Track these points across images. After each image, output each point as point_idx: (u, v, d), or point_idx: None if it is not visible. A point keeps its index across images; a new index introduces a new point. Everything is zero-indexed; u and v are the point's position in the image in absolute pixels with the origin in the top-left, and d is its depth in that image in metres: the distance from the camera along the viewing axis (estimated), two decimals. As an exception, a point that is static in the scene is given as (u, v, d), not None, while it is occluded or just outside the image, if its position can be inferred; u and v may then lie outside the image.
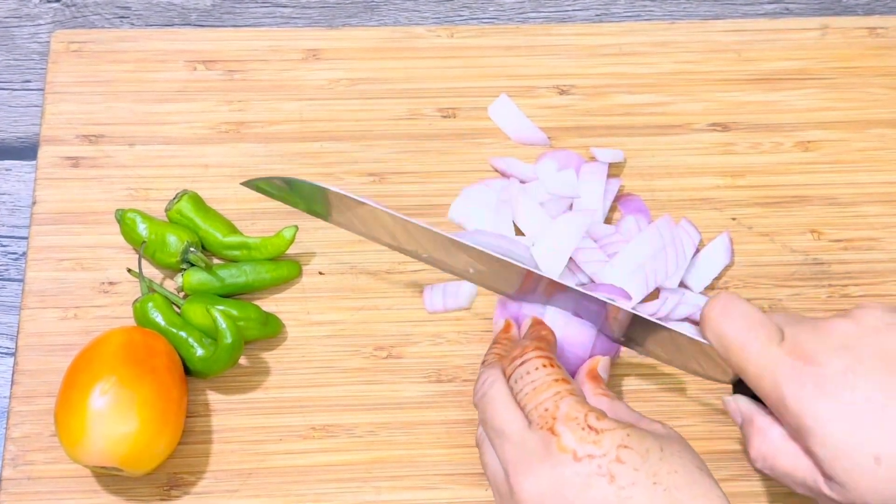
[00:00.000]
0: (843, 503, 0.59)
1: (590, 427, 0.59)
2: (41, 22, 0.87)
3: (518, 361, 0.63)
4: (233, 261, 0.75)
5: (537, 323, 0.69)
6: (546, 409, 0.60)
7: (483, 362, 0.67)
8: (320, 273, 0.76)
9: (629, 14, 0.89)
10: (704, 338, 0.65)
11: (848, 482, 0.58)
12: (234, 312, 0.72)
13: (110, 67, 0.82)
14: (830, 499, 0.60)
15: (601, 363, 0.68)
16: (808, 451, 0.60)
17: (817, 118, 0.82)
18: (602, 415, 0.60)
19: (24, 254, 0.78)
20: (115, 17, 0.87)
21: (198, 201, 0.76)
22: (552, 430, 0.59)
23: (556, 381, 0.61)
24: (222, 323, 0.70)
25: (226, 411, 0.72)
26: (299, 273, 0.76)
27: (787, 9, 0.89)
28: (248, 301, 0.74)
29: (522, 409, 0.61)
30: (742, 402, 0.64)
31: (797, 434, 0.60)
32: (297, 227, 0.74)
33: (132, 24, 0.87)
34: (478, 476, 0.71)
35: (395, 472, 0.71)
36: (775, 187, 0.80)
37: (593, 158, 0.79)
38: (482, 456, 0.64)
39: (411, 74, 0.83)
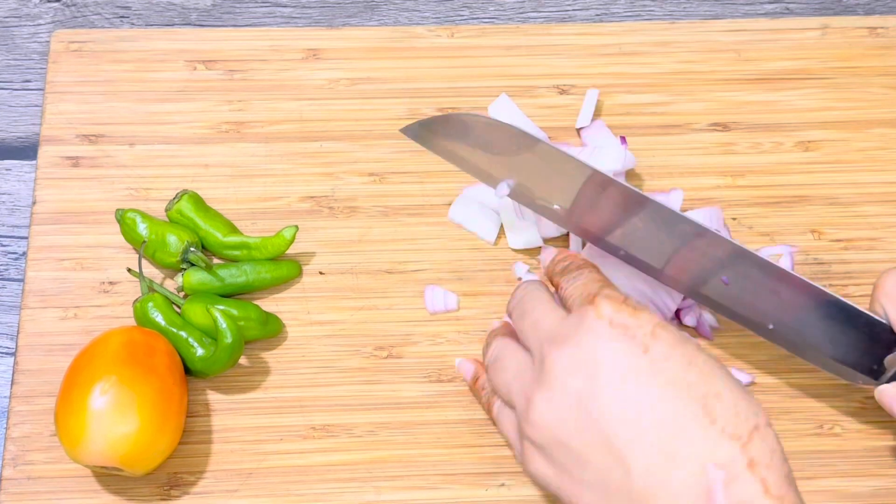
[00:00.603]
0: None
1: (627, 304, 0.59)
2: (41, 22, 0.87)
3: (574, 266, 0.65)
4: (233, 261, 0.75)
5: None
6: (589, 293, 0.60)
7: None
8: (320, 273, 0.76)
9: (629, 14, 0.89)
10: (873, 311, 0.66)
11: None
12: (235, 312, 0.71)
13: (110, 67, 0.82)
14: None
15: None
16: None
17: (817, 118, 0.82)
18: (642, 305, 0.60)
19: (24, 254, 0.78)
20: (115, 16, 0.87)
21: (198, 201, 0.76)
22: (591, 303, 0.59)
23: (604, 279, 0.63)
24: (222, 323, 0.70)
25: (226, 411, 0.72)
26: (299, 273, 0.76)
27: (788, 9, 0.89)
28: (248, 301, 0.74)
29: (564, 302, 0.63)
30: None
31: None
32: (297, 227, 0.74)
33: (132, 24, 0.87)
34: (478, 476, 0.71)
35: (395, 472, 0.71)
36: (776, 187, 0.80)
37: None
38: (497, 374, 0.65)
39: (411, 74, 0.83)
